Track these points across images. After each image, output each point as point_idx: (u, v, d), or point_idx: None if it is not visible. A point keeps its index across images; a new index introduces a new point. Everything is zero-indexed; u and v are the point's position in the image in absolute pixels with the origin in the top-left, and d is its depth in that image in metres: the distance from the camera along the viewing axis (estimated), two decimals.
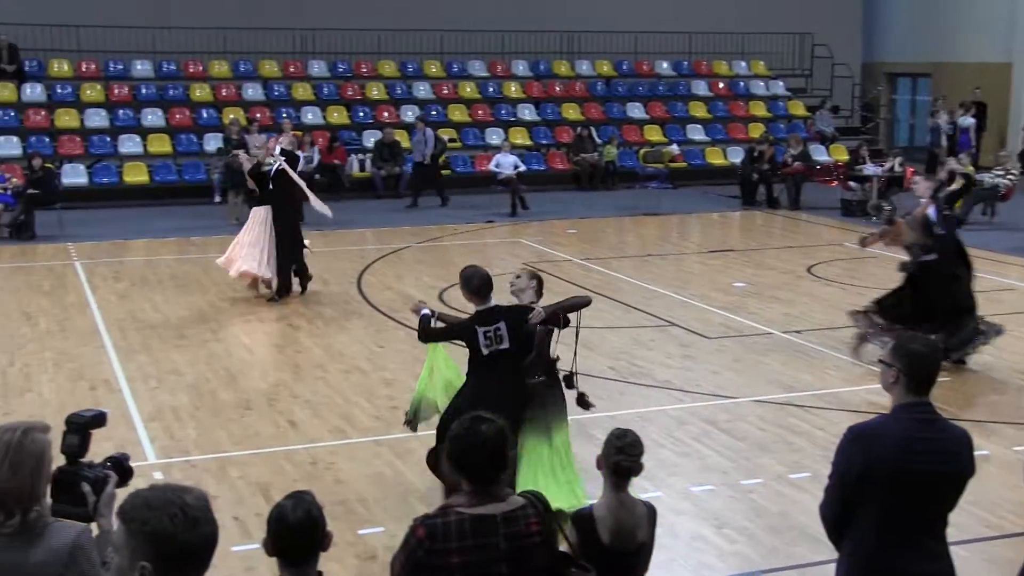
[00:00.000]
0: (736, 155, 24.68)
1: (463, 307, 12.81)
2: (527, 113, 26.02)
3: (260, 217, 13.15)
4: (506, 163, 21.00)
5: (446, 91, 25.96)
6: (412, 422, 7.33)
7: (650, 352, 11.15)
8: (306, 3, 24.86)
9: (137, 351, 11.03)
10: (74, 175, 21.35)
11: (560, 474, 6.60)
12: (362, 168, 23.20)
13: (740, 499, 7.43)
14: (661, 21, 27.53)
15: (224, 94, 24.26)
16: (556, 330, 6.74)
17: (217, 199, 21.07)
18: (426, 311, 6.78)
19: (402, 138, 23.47)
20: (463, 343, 6.73)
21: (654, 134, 26.16)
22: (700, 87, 28.13)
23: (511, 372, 6.57)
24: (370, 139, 23.65)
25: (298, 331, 11.94)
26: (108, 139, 22.53)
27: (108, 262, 15.88)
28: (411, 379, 10.03)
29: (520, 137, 24.88)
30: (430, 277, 14.83)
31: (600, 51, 27.80)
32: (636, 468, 4.36)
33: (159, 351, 11.04)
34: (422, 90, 25.81)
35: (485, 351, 6.49)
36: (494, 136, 24.62)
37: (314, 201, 13.63)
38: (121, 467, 3.56)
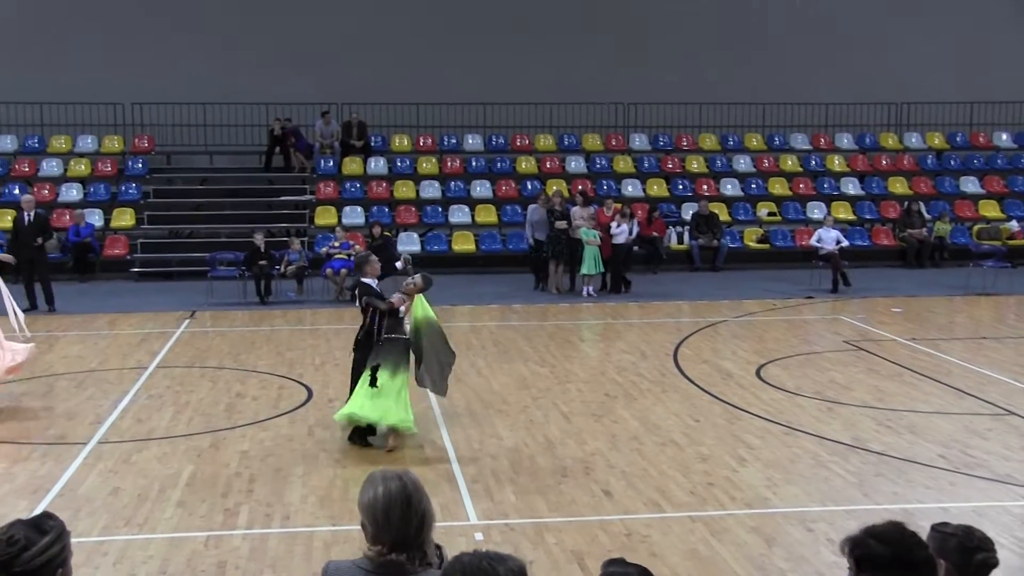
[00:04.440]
0: None
1: (782, 384, 12.60)
2: (851, 187, 25.28)
3: None
4: (828, 238, 20.45)
5: (767, 164, 25.70)
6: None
7: (986, 442, 10.43)
8: (626, 80, 25.41)
9: (461, 414, 11.53)
10: (409, 243, 22.78)
11: (400, 396, 10.00)
12: (680, 240, 23.31)
13: None
14: (998, 90, 26.08)
15: (548, 167, 25.17)
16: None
17: None
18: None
19: (720, 211, 23.40)
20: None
21: (990, 210, 24.70)
22: None
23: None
24: (688, 211, 23.74)
25: (615, 401, 12.07)
26: (440, 209, 23.93)
27: None
28: (727, 455, 9.96)
29: (843, 211, 24.18)
30: (746, 352, 14.60)
31: (931, 123, 26.70)
32: (996, 562, 4.08)
33: (481, 415, 11.49)
34: (742, 163, 25.70)
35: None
36: (816, 210, 24.07)
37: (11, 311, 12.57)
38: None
